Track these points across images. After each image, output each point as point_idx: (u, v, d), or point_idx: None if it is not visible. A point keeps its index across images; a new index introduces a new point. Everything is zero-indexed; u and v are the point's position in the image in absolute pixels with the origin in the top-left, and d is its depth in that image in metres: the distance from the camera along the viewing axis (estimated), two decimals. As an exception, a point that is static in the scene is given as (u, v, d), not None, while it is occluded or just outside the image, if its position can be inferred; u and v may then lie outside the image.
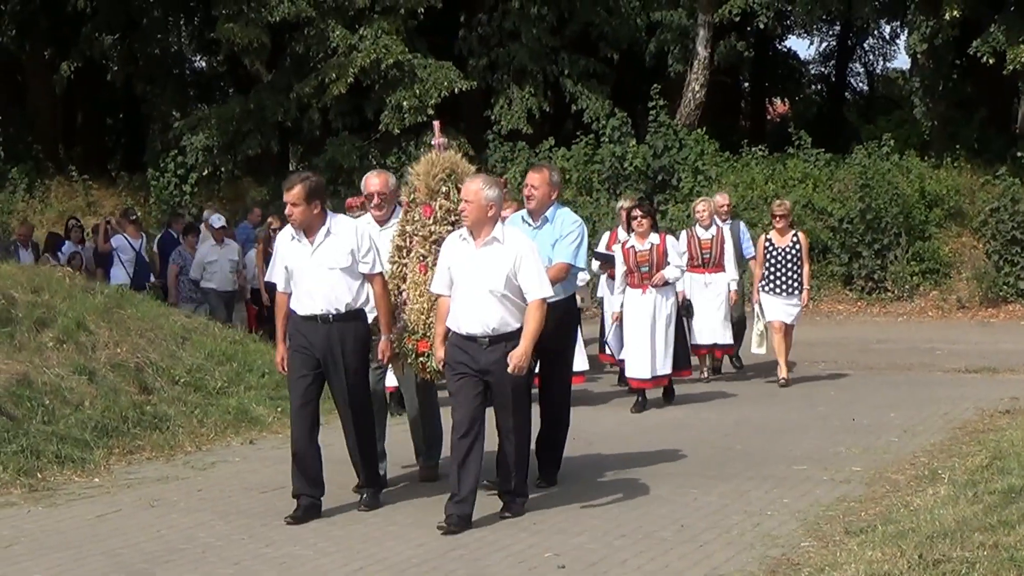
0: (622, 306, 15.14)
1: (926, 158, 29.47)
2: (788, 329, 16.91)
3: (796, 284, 16.78)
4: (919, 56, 30.63)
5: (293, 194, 9.84)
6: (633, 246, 14.86)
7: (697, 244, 16.92)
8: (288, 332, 10.15)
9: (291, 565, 8.70)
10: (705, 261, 16.90)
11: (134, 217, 24.05)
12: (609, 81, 34.08)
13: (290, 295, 10.13)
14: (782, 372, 16.75)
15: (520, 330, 9.58)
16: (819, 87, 51.89)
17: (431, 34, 33.41)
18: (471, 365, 9.61)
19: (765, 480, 10.97)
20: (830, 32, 48.78)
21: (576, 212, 14.64)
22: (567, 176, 28.68)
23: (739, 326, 17.70)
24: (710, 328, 16.88)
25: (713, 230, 16.99)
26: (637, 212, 15.09)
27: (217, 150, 32.60)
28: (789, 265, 16.75)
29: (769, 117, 49.93)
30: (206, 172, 32.45)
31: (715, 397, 15.82)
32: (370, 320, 10.23)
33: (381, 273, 10.13)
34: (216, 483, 11.30)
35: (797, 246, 16.83)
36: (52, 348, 13.50)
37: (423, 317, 10.05)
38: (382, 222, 11.05)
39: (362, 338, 10.10)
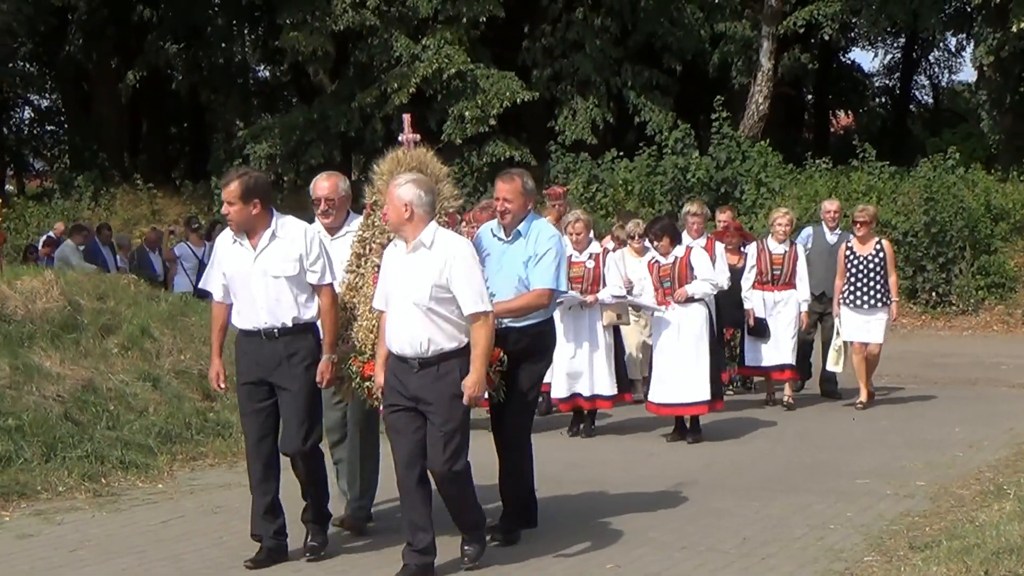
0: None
1: (992, 171, 29.23)
2: (878, 347, 15.70)
3: (880, 297, 15.49)
4: (985, 68, 30.41)
5: (229, 191, 8.81)
6: (657, 260, 13.82)
7: (768, 259, 15.74)
8: (236, 355, 9.13)
9: (349, 572, 8.72)
10: (775, 278, 15.69)
11: (196, 226, 24.27)
12: (672, 92, 34.02)
13: (230, 306, 9.05)
14: (862, 395, 15.68)
15: (458, 352, 8.42)
16: (883, 99, 51.65)
17: (495, 45, 33.47)
18: (403, 392, 8.48)
19: (828, 494, 10.89)
20: (895, 44, 48.60)
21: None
22: (629, 188, 28.65)
23: (803, 349, 16.37)
24: (773, 349, 15.66)
25: (786, 245, 15.77)
26: (651, 234, 14.11)
27: (280, 159, 32.82)
28: (872, 276, 15.48)
29: (833, 129, 49.72)
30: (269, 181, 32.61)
31: (775, 410, 15.71)
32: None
33: (331, 284, 9.02)
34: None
35: (881, 254, 15.56)
36: (117, 354, 13.62)
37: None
38: (332, 230, 9.86)
39: (313, 356, 8.92)
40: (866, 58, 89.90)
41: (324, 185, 9.98)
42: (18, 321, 13.29)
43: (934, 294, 26.21)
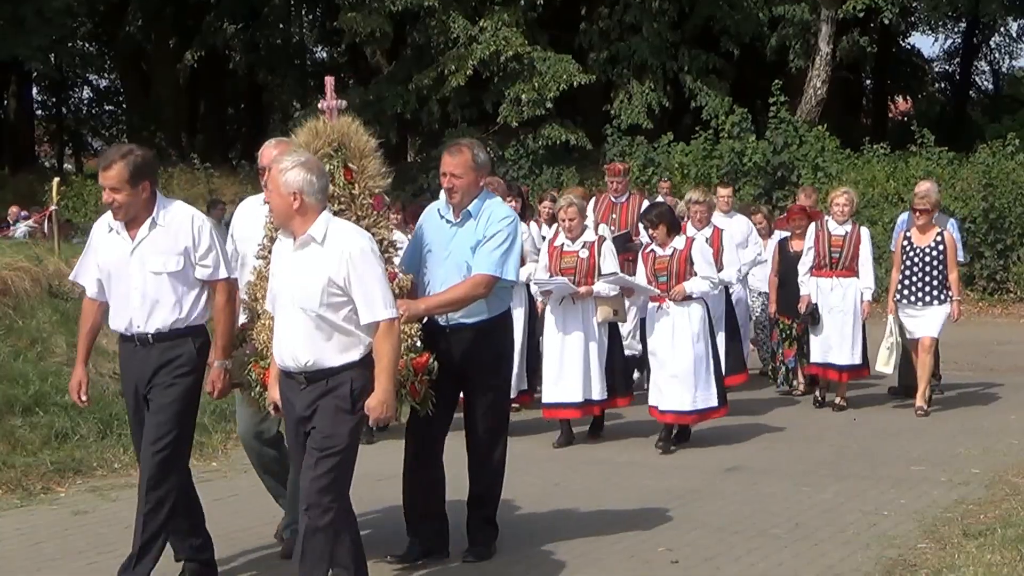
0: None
1: (1052, 158, 28.96)
2: (934, 343, 14.37)
3: (937, 295, 14.08)
4: (1047, 54, 30.10)
5: (111, 175, 7.45)
6: (653, 250, 12.43)
7: (826, 241, 14.34)
8: (120, 358, 7.97)
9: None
10: (833, 262, 14.30)
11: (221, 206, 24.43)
12: (729, 77, 33.90)
13: (104, 304, 7.87)
14: (919, 399, 14.12)
15: (353, 365, 7.09)
16: (943, 85, 51.32)
17: (551, 27, 33.43)
18: (291, 414, 7.24)
19: (881, 480, 10.85)
20: (955, 29, 48.21)
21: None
22: (685, 171, 28.56)
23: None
24: (826, 344, 14.35)
25: (848, 226, 14.32)
26: (646, 220, 12.68)
27: (336, 141, 32.88)
28: (928, 270, 14.06)
29: (891, 114, 49.40)
30: (325, 162, 32.74)
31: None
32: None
33: (227, 279, 7.78)
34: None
35: (941, 246, 14.07)
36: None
37: (401, 335, 7.62)
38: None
39: (192, 365, 7.68)
40: (926, 43, 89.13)
41: (272, 153, 8.33)
42: (75, 299, 13.37)
43: (992, 281, 26.01)
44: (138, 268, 7.56)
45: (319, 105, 8.57)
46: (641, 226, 13.60)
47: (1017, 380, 16.78)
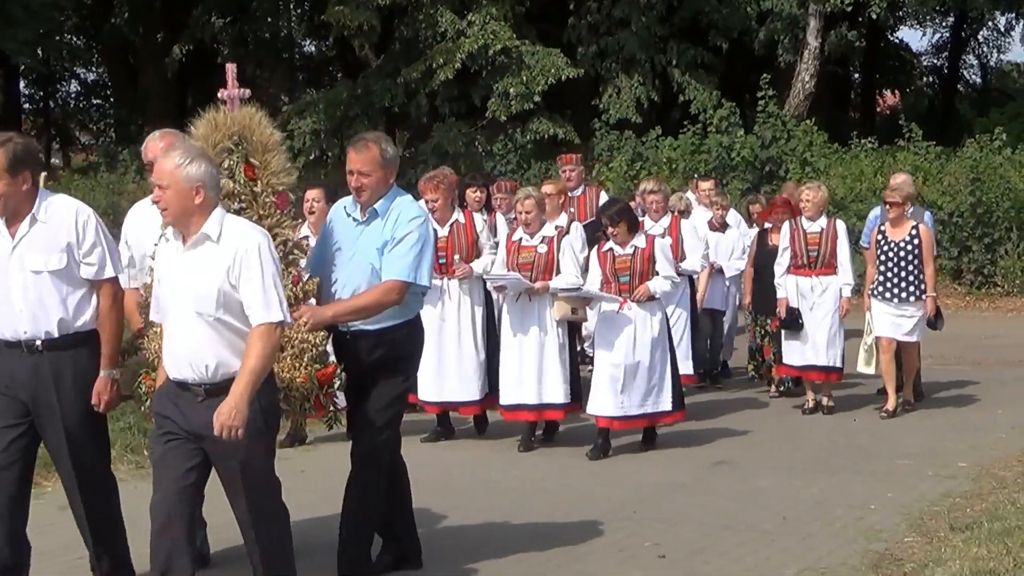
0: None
1: (1040, 153, 29.00)
2: (905, 347, 13.78)
3: (914, 290, 13.51)
4: (1034, 48, 30.15)
5: None
6: (612, 249, 11.79)
7: (802, 239, 13.78)
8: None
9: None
10: (811, 261, 13.73)
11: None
12: (717, 71, 33.92)
13: None
14: (889, 401, 13.66)
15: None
16: (931, 79, 51.39)
17: (540, 21, 33.42)
18: (181, 424, 6.63)
19: (869, 475, 10.86)
20: (943, 23, 48.31)
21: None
22: (673, 166, 28.56)
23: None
24: (808, 345, 13.70)
25: (823, 222, 13.79)
26: (606, 217, 11.94)
27: (324, 134, 32.86)
28: (903, 264, 13.51)
29: (879, 109, 49.47)
30: (313, 156, 32.71)
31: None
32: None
33: (114, 279, 7.24)
34: (319, 464, 11.36)
35: (916, 240, 13.55)
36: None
37: (305, 344, 7.34)
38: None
39: (86, 374, 7.19)
40: (914, 37, 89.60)
41: (159, 145, 7.80)
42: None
43: (979, 275, 26.04)
44: (18, 268, 7.01)
45: (219, 94, 8.14)
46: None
47: (1004, 374, 16.81)
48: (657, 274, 11.65)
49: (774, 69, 32.56)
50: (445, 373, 12.31)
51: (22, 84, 46.95)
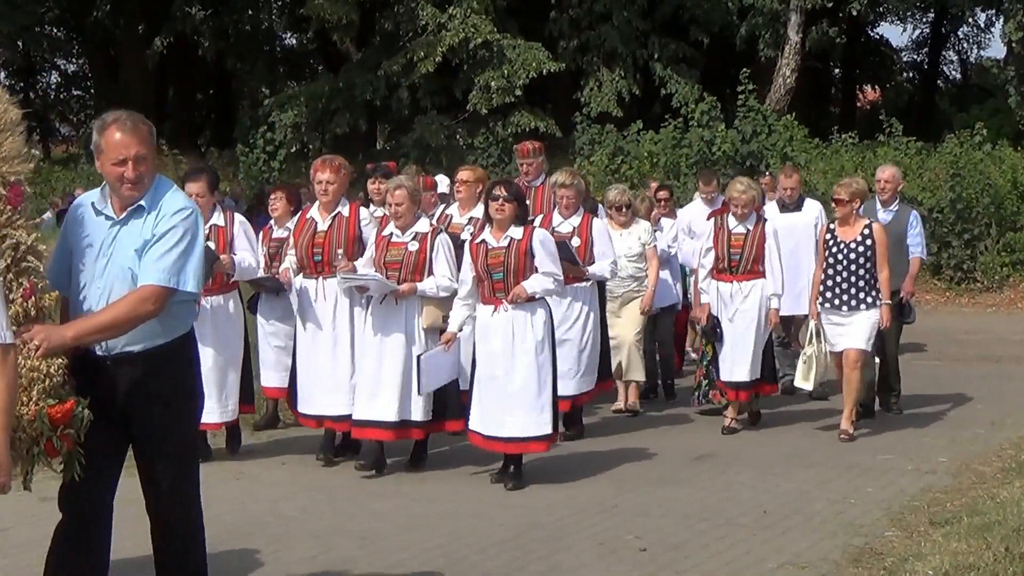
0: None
1: (1019, 148, 29.05)
2: (849, 359, 12.14)
3: (864, 297, 12.06)
4: (1014, 44, 30.31)
5: None
6: (485, 241, 10.19)
7: (726, 240, 12.25)
8: None
9: (372, 539, 8.74)
10: (733, 265, 12.20)
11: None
12: (698, 65, 34.00)
13: None
14: (844, 422, 12.17)
15: None
16: (911, 75, 51.54)
17: (521, 15, 33.48)
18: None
19: (849, 469, 10.88)
20: (923, 19, 48.38)
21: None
22: (655, 160, 28.57)
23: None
24: (730, 358, 12.26)
25: (751, 222, 12.19)
26: (497, 193, 10.20)
27: (306, 127, 32.90)
28: (854, 268, 12.08)
29: (860, 104, 49.58)
30: (294, 149, 32.71)
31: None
32: None
33: None
34: (299, 456, 11.36)
35: (869, 240, 12.11)
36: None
37: (33, 373, 5.68)
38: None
39: None
40: (895, 33, 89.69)
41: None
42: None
43: (959, 271, 26.11)
44: None
45: None
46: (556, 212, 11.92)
47: (983, 370, 16.86)
48: (536, 271, 10.12)
49: (755, 64, 32.68)
50: (316, 383, 10.90)
51: (2, 75, 46.79)
